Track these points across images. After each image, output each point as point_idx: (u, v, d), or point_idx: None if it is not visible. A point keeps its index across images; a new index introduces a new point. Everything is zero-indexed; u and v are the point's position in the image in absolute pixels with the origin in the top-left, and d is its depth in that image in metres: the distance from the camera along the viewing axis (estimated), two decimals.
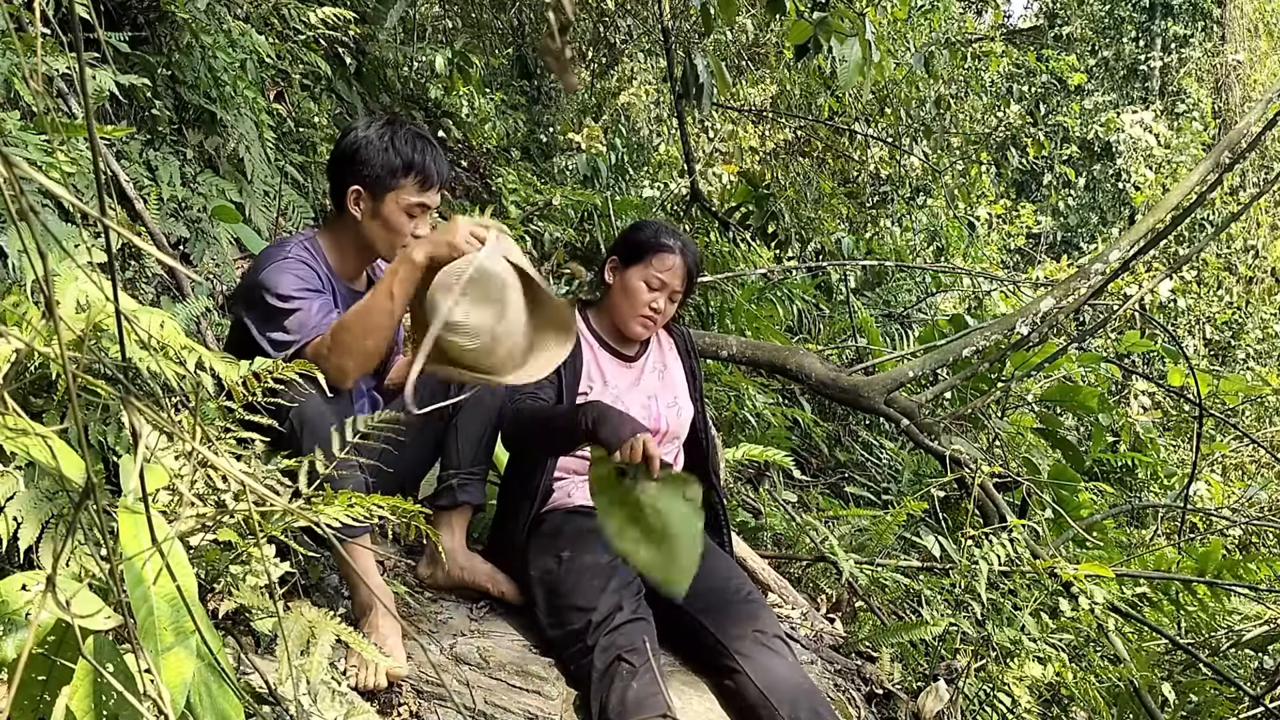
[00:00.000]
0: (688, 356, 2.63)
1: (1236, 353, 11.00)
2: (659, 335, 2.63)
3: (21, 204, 0.72)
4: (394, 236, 2.14)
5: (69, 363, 0.78)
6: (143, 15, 3.22)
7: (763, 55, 7.97)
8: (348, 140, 2.14)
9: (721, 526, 2.57)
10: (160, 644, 0.97)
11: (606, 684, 1.97)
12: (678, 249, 2.41)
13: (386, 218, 2.12)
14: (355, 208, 2.13)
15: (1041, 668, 2.80)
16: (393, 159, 2.09)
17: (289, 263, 2.06)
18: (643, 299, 2.41)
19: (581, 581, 2.16)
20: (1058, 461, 5.20)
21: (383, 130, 2.12)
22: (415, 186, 2.12)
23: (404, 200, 2.11)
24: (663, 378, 2.55)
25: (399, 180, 2.10)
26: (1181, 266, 9.65)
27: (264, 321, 2.01)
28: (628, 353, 2.52)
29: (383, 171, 2.09)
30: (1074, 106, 12.09)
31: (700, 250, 2.77)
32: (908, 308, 7.32)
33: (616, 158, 6.73)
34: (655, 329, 2.48)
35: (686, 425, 2.54)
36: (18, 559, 1.59)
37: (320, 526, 1.25)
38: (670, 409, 2.50)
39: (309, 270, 2.07)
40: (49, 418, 1.74)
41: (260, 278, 2.04)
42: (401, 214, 2.12)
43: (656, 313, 2.41)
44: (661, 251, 2.40)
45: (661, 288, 2.40)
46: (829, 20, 3.77)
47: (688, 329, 2.72)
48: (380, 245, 2.16)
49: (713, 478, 2.61)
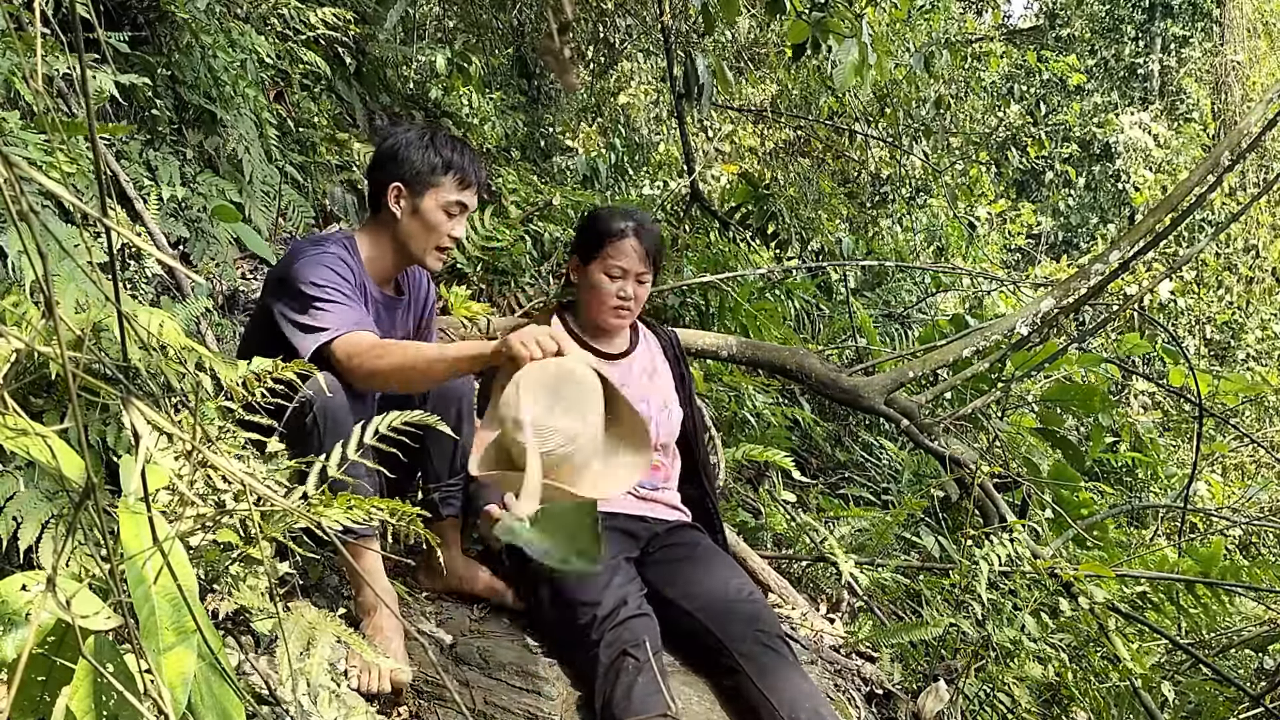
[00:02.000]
0: (676, 361, 2.61)
1: (1236, 353, 11.00)
2: (647, 337, 2.61)
3: (21, 204, 0.72)
4: (431, 235, 2.18)
5: (69, 363, 0.78)
6: (143, 15, 3.22)
7: (763, 55, 7.97)
8: (389, 143, 2.20)
9: (715, 527, 2.57)
10: (161, 644, 0.97)
11: (612, 678, 1.97)
12: (630, 231, 2.37)
13: (425, 215, 2.16)
14: (396, 205, 2.17)
15: (1041, 668, 2.80)
16: (433, 157, 2.15)
17: (326, 257, 2.07)
18: (609, 291, 2.38)
19: (585, 577, 2.16)
20: (1058, 461, 5.20)
21: (423, 133, 2.20)
22: (455, 185, 2.17)
23: (443, 198, 2.17)
24: (653, 380, 2.53)
25: (439, 178, 2.16)
26: (1181, 266, 9.65)
27: (296, 309, 2.01)
28: (613, 350, 2.51)
29: (424, 168, 2.15)
30: (1074, 106, 12.09)
31: (702, 249, 2.75)
32: (908, 308, 7.32)
33: (616, 158, 6.73)
34: (633, 315, 2.45)
35: (677, 428, 2.53)
36: (18, 559, 1.59)
37: (323, 529, 1.25)
38: (661, 413, 2.48)
39: (345, 267, 2.09)
40: (49, 418, 1.74)
41: (295, 268, 2.05)
42: (440, 211, 2.17)
43: (626, 300, 2.39)
44: (613, 239, 2.37)
45: (624, 275, 2.38)
46: (826, 21, 3.77)
47: (674, 332, 2.70)
48: (416, 244, 2.19)
49: (705, 481, 2.60)
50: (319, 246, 2.11)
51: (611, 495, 1.88)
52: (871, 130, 8.10)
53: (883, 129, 8.18)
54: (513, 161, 6.29)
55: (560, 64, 4.92)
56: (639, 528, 2.38)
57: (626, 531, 2.35)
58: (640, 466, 1.91)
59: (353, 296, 2.05)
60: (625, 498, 2.40)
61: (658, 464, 2.49)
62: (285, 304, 2.03)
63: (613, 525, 2.34)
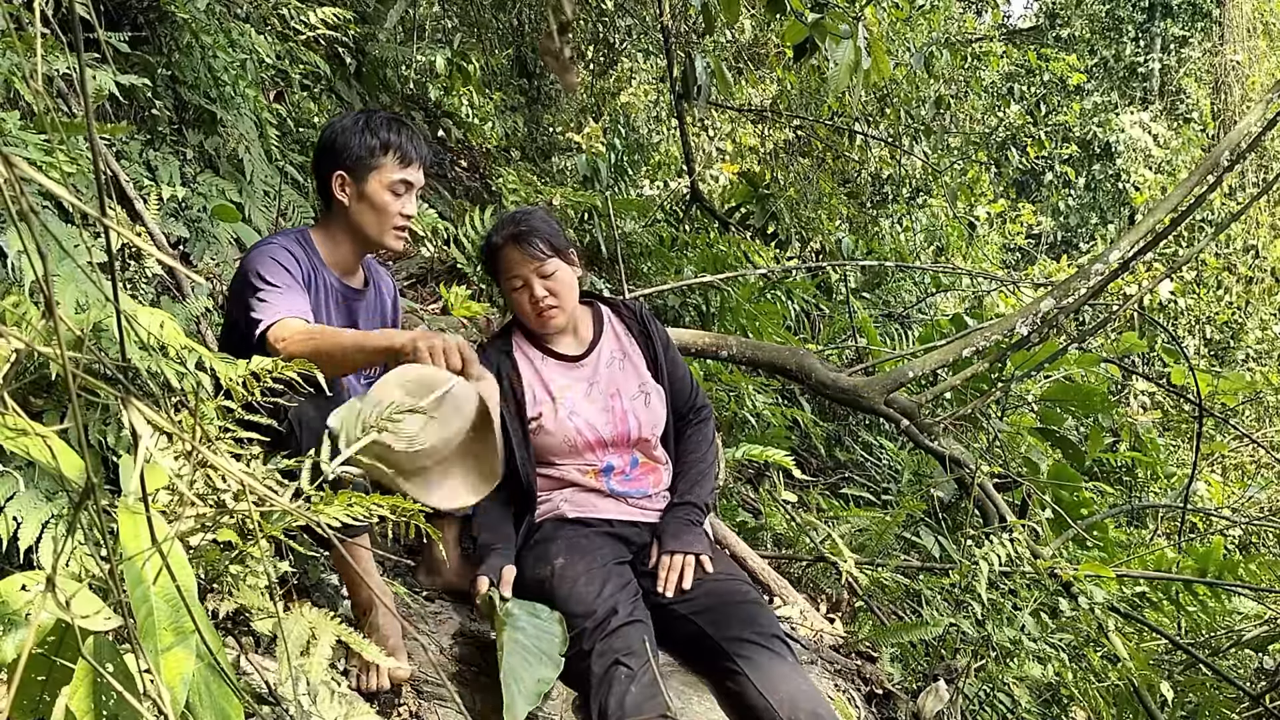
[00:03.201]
0: (643, 335, 2.52)
1: (1236, 353, 11.00)
2: (611, 320, 2.53)
3: (21, 204, 0.72)
4: (382, 216, 2.18)
5: (69, 363, 0.78)
6: (143, 15, 3.22)
7: (763, 55, 7.97)
8: (326, 133, 2.20)
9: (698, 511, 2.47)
10: (160, 644, 0.97)
11: (605, 689, 1.97)
12: (505, 241, 2.34)
13: (371, 197, 2.16)
14: (342, 193, 2.17)
15: (1041, 668, 2.81)
16: (370, 140, 2.15)
17: (272, 249, 2.09)
18: (521, 303, 2.37)
19: (576, 587, 2.15)
20: (1058, 461, 5.20)
21: (358, 118, 2.19)
22: (396, 163, 2.17)
23: (386, 178, 2.16)
24: (624, 367, 2.46)
25: (379, 159, 2.16)
26: (1181, 266, 9.65)
27: (244, 304, 2.03)
28: (573, 353, 2.45)
29: (362, 152, 2.15)
30: (1074, 106, 12.08)
31: (702, 249, 2.73)
32: (908, 308, 7.32)
33: (616, 158, 6.73)
34: (563, 312, 2.36)
35: (661, 418, 2.45)
36: (18, 559, 1.59)
37: (321, 526, 1.25)
38: (636, 400, 2.42)
39: (289, 256, 2.09)
40: (49, 418, 1.74)
41: (245, 263, 2.08)
42: (386, 192, 2.17)
43: (540, 303, 2.33)
44: (496, 256, 2.36)
45: (523, 284, 2.34)
46: (824, 21, 3.76)
47: (640, 303, 2.61)
48: (370, 228, 2.19)
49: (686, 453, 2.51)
50: (269, 241, 2.14)
51: (432, 506, 1.85)
52: (871, 130, 8.10)
53: (883, 129, 8.18)
54: (513, 161, 6.29)
55: (560, 64, 4.92)
56: (632, 533, 2.37)
57: (619, 537, 2.34)
58: (469, 499, 1.94)
59: (294, 286, 2.05)
60: (619, 505, 2.39)
61: (652, 467, 2.48)
62: (238, 299, 2.06)
63: (606, 531, 2.33)
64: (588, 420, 2.37)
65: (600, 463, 2.39)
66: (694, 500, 2.41)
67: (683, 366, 2.58)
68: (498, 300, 4.11)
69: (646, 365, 2.49)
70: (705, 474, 2.48)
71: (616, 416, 2.39)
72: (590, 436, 2.37)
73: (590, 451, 2.38)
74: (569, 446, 2.36)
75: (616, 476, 2.40)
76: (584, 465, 2.39)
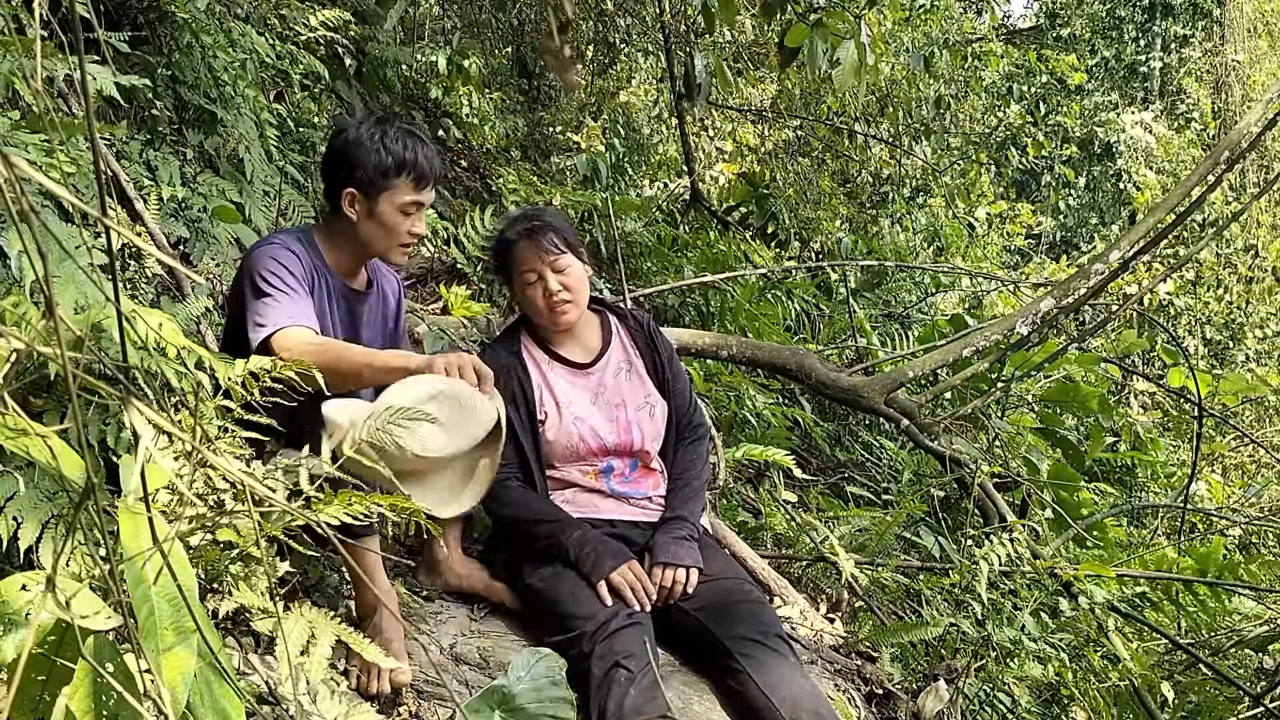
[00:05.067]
0: (649, 347, 2.51)
1: (1236, 353, 11.00)
2: (618, 329, 2.53)
3: (21, 204, 0.72)
4: (390, 236, 2.14)
5: (69, 363, 0.78)
6: (143, 15, 3.21)
7: (763, 55, 7.96)
8: (339, 142, 2.13)
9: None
10: (161, 644, 0.97)
11: (605, 692, 1.97)
12: (519, 236, 2.33)
13: (381, 218, 2.12)
14: (350, 210, 2.13)
15: (1041, 668, 2.81)
16: (385, 159, 2.08)
17: (274, 249, 2.06)
18: (534, 298, 2.34)
19: (576, 590, 2.16)
20: (1058, 461, 5.20)
21: (373, 130, 2.10)
22: (409, 186, 2.11)
23: (398, 200, 2.11)
24: (630, 378, 2.46)
25: (392, 181, 2.10)
26: (1181, 266, 9.65)
27: (246, 306, 2.01)
28: (582, 360, 2.44)
29: (375, 173, 2.08)
30: (1074, 106, 12.07)
31: (702, 249, 2.71)
32: (908, 308, 7.32)
33: (616, 158, 6.73)
34: (575, 307, 2.35)
35: (662, 428, 2.46)
36: (18, 559, 1.59)
37: (323, 528, 1.25)
38: (641, 411, 2.42)
39: (292, 256, 2.06)
40: (49, 418, 1.74)
41: (247, 262, 2.05)
42: (397, 213, 2.12)
43: (553, 297, 2.32)
44: (510, 250, 2.35)
45: (537, 279, 2.33)
46: (824, 23, 3.76)
47: (649, 316, 2.61)
48: (377, 245, 2.16)
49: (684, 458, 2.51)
50: (270, 238, 2.11)
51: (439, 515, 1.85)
52: (871, 130, 8.10)
53: (883, 129, 8.18)
54: (513, 161, 6.29)
55: (560, 63, 4.92)
56: (634, 533, 2.37)
57: (621, 537, 2.33)
58: (463, 505, 1.93)
59: (298, 288, 2.02)
60: (620, 505, 2.40)
61: (650, 472, 2.48)
62: (239, 300, 2.04)
63: (608, 532, 2.33)
64: (592, 427, 2.37)
65: (600, 464, 2.40)
66: (686, 515, 2.39)
67: (684, 381, 2.58)
68: (498, 300, 4.11)
69: (650, 377, 2.49)
70: (698, 492, 2.47)
71: (621, 427, 2.39)
72: (593, 444, 2.37)
73: (592, 456, 2.39)
74: (571, 452, 2.37)
75: (616, 477, 2.41)
76: (585, 467, 2.40)
